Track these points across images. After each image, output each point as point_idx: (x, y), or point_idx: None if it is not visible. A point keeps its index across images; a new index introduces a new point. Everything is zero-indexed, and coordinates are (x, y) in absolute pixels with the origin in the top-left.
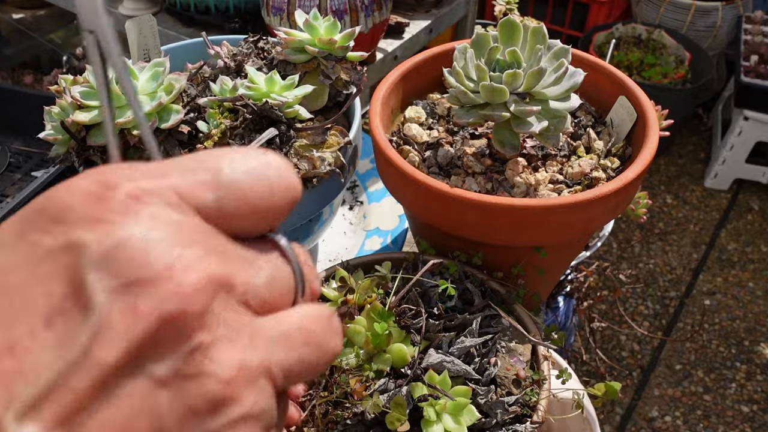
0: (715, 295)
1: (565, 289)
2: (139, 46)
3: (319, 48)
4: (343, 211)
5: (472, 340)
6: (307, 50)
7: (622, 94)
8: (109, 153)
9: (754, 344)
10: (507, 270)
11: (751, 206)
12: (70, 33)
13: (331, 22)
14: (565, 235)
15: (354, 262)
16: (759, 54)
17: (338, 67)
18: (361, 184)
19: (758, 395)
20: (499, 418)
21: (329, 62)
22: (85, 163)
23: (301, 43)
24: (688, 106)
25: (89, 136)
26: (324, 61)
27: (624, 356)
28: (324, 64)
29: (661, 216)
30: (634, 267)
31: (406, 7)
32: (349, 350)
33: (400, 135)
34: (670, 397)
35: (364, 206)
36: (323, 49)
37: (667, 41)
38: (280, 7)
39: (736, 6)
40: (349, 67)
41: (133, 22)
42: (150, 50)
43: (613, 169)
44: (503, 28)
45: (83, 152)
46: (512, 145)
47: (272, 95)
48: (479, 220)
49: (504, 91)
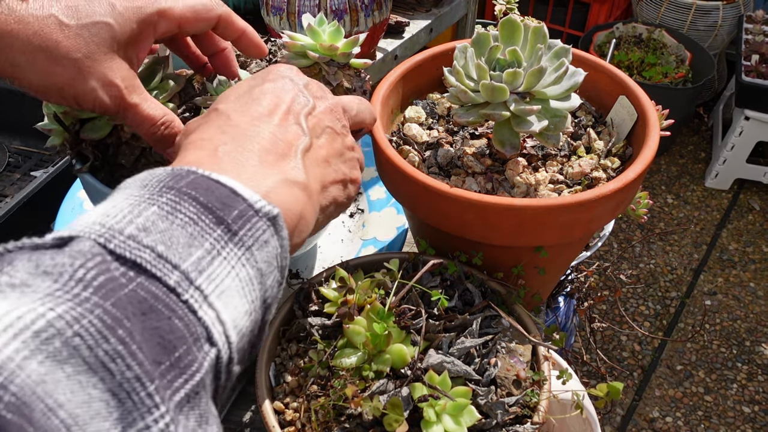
0: (716, 296)
1: (565, 290)
2: None
3: (320, 54)
4: (344, 218)
5: (472, 341)
6: (308, 55)
7: (622, 94)
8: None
9: (756, 345)
10: (507, 270)
11: (752, 206)
12: None
13: (335, 28)
14: (565, 236)
15: (354, 262)
16: (760, 53)
17: (340, 73)
18: (365, 191)
19: (759, 396)
20: (499, 419)
21: (331, 68)
22: (77, 156)
23: (302, 47)
24: (689, 105)
25: (83, 131)
26: (326, 67)
27: (625, 357)
28: (326, 70)
29: (661, 216)
30: (634, 267)
31: (406, 6)
32: (349, 351)
33: (400, 135)
34: (671, 398)
35: (365, 214)
36: (324, 54)
37: (668, 41)
38: (279, 7)
39: (737, 5)
40: (352, 74)
41: None
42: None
43: (614, 169)
44: (504, 28)
45: (76, 145)
46: (512, 145)
47: None
48: (479, 220)
49: (504, 90)
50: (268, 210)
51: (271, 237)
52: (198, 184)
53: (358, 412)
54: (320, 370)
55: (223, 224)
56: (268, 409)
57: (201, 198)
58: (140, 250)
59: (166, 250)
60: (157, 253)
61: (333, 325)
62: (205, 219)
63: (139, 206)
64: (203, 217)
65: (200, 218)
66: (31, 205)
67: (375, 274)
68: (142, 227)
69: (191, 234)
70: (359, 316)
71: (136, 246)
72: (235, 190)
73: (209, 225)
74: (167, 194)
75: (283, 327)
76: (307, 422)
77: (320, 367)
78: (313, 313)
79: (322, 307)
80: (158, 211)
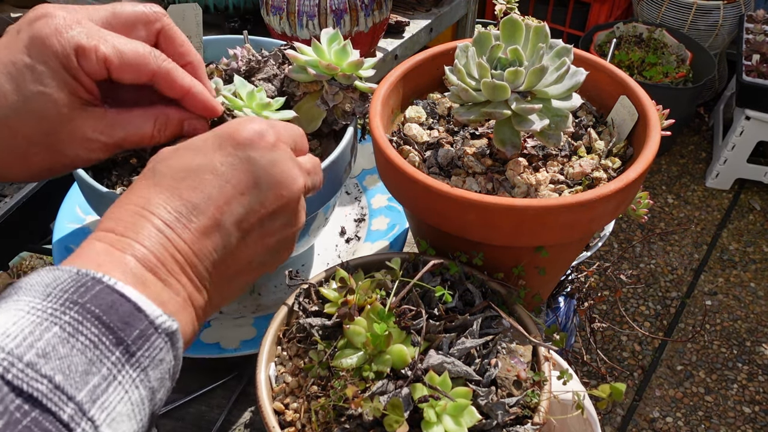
0: (716, 296)
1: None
2: None
3: (318, 72)
4: (338, 242)
5: (472, 341)
6: (308, 71)
7: (623, 94)
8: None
9: (756, 345)
10: (508, 270)
11: (753, 206)
12: None
13: (340, 47)
14: (565, 236)
15: (354, 262)
16: (761, 53)
17: (341, 94)
18: (369, 219)
19: (760, 396)
20: (499, 420)
21: (332, 87)
22: None
23: (304, 63)
24: (690, 105)
25: None
26: (327, 86)
27: (625, 357)
28: (326, 89)
29: (662, 216)
30: (635, 267)
31: (406, 6)
32: (349, 351)
33: (400, 135)
34: (672, 398)
35: (359, 243)
36: (323, 73)
37: (669, 40)
38: (279, 7)
39: (737, 5)
40: (356, 96)
41: (176, 8)
42: (192, 38)
43: (614, 169)
44: (505, 27)
45: None
46: (513, 144)
47: (244, 110)
48: (480, 221)
49: (505, 88)
50: (168, 326)
51: (167, 354)
52: (102, 300)
53: (359, 413)
54: (320, 370)
55: (123, 345)
56: (268, 409)
57: (104, 317)
58: (38, 381)
59: (63, 380)
60: (55, 384)
61: (333, 326)
62: (105, 341)
63: (41, 325)
64: (104, 339)
65: (101, 341)
66: (31, 205)
67: (375, 274)
68: (42, 353)
69: (90, 360)
70: (359, 317)
71: (34, 376)
72: (139, 306)
73: (108, 347)
74: (70, 311)
75: (283, 327)
76: (307, 423)
77: (320, 368)
78: (314, 314)
79: (323, 307)
80: (60, 333)
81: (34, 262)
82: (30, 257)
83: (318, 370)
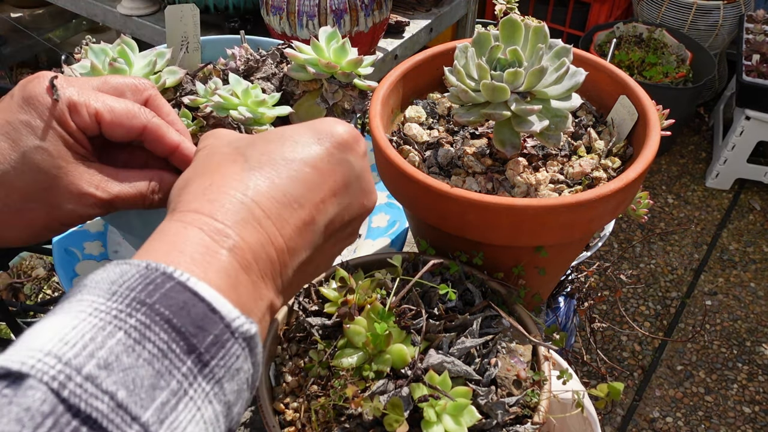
0: (716, 296)
1: (565, 290)
2: (176, 34)
3: (317, 70)
4: None
5: (472, 341)
6: (307, 69)
7: (623, 94)
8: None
9: (756, 345)
10: (507, 270)
11: (753, 206)
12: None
13: (339, 45)
14: (565, 235)
15: (354, 262)
16: (761, 53)
17: (341, 92)
18: (369, 217)
19: (760, 396)
20: (499, 419)
21: (332, 86)
22: None
23: (303, 61)
24: (690, 105)
25: None
26: (326, 84)
27: (625, 357)
28: (326, 87)
29: (662, 216)
30: (635, 267)
31: (406, 6)
32: (349, 351)
33: (400, 135)
34: (672, 398)
35: (359, 240)
36: (322, 71)
37: (669, 40)
38: (279, 7)
39: (737, 5)
40: (355, 95)
41: (173, 9)
42: (189, 39)
43: (614, 168)
44: (504, 27)
45: None
46: (513, 145)
47: (239, 108)
48: (480, 220)
49: (505, 89)
50: (246, 330)
51: (245, 362)
52: (172, 300)
53: (359, 413)
54: (320, 370)
55: (195, 353)
56: (268, 409)
57: (174, 320)
58: (97, 398)
59: (127, 396)
60: (117, 401)
61: (333, 325)
62: (175, 349)
63: (104, 330)
64: (174, 346)
65: (170, 348)
66: None
67: (375, 273)
68: (104, 363)
69: (158, 371)
70: (359, 316)
71: (93, 392)
72: (213, 306)
73: (179, 356)
74: (137, 314)
75: (283, 327)
76: (307, 422)
77: (320, 367)
78: (314, 313)
79: (323, 307)
80: (124, 339)
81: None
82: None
83: (318, 369)
